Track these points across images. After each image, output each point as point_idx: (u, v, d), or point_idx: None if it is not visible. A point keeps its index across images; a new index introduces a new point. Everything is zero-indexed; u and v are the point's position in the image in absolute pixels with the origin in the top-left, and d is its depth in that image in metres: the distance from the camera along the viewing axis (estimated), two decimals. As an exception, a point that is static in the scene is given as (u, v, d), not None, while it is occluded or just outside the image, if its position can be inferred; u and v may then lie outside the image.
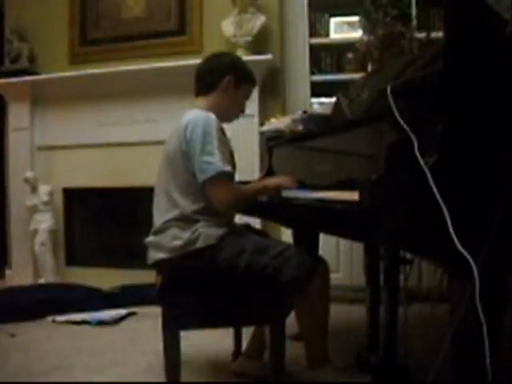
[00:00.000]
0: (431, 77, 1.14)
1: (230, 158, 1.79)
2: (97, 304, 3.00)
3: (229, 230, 1.67)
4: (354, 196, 1.10)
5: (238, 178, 1.83)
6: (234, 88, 1.83)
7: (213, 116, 1.70)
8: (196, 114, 1.72)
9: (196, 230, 1.64)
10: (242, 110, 1.92)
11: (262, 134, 3.01)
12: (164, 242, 1.67)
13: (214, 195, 1.65)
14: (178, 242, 1.64)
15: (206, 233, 1.63)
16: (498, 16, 1.08)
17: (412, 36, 2.73)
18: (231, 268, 1.61)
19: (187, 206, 1.67)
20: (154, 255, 1.71)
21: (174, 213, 1.68)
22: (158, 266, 1.72)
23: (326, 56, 3.47)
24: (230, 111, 1.87)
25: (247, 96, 1.91)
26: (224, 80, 1.81)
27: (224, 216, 1.73)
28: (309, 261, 1.62)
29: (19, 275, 3.78)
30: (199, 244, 1.62)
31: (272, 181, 1.81)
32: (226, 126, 1.85)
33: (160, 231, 1.70)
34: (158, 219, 1.73)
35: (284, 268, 1.57)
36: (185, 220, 1.66)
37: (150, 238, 1.74)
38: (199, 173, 1.64)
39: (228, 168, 1.65)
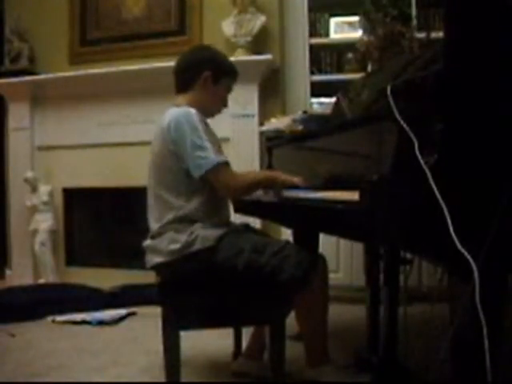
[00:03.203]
0: (431, 77, 1.14)
1: (219, 149, 1.76)
2: (97, 304, 2.99)
3: (226, 231, 1.66)
4: (354, 196, 1.10)
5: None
6: (213, 83, 1.80)
7: (192, 110, 1.68)
8: (175, 112, 1.70)
9: (192, 232, 1.63)
10: (225, 105, 1.89)
11: (262, 133, 3.02)
12: (161, 246, 1.66)
13: (219, 185, 1.65)
14: (175, 246, 1.63)
15: (203, 235, 1.62)
16: (500, 13, 1.08)
17: (412, 36, 2.73)
18: (230, 268, 1.60)
19: (180, 206, 1.66)
20: (152, 259, 1.70)
21: (169, 215, 1.67)
22: (157, 269, 1.72)
23: (325, 56, 3.47)
24: (211, 107, 1.84)
25: (229, 89, 1.88)
26: (201, 76, 1.78)
27: (218, 212, 1.72)
28: (308, 258, 1.62)
29: (19, 275, 3.78)
30: (197, 246, 1.62)
31: (283, 177, 1.71)
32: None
33: (157, 235, 1.69)
34: (154, 223, 1.72)
35: (283, 266, 1.56)
36: (180, 222, 1.65)
37: (148, 242, 1.73)
38: (195, 169, 1.63)
39: (223, 158, 1.65)
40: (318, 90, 3.38)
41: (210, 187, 1.68)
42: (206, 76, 1.79)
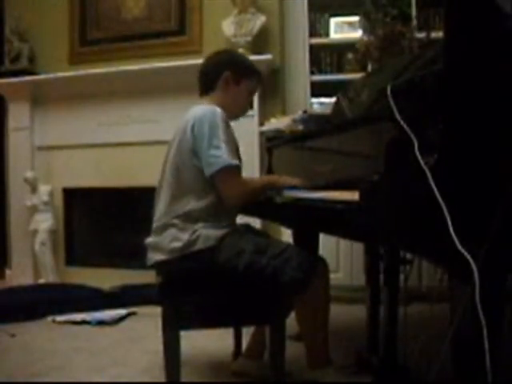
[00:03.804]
0: (431, 77, 1.14)
1: (236, 152, 1.77)
2: (97, 304, 2.99)
3: (228, 231, 1.66)
4: (354, 196, 1.10)
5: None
6: (235, 84, 1.80)
7: (218, 109, 1.68)
8: (201, 110, 1.69)
9: (194, 231, 1.63)
10: (250, 106, 1.89)
11: (262, 133, 3.02)
12: (163, 244, 1.66)
13: (223, 188, 1.65)
14: (176, 244, 1.63)
15: (205, 234, 1.62)
16: (499, 13, 1.08)
17: (412, 36, 2.73)
18: (231, 268, 1.60)
19: (188, 202, 1.66)
20: (154, 257, 1.70)
21: (176, 210, 1.66)
22: (158, 267, 1.72)
23: (325, 56, 3.47)
24: (234, 108, 1.83)
25: (252, 91, 1.87)
26: (222, 77, 1.79)
27: (225, 215, 1.72)
28: (309, 261, 1.62)
29: (19, 275, 3.78)
30: (198, 246, 1.61)
31: (282, 180, 1.77)
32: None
33: (159, 231, 1.69)
34: (159, 217, 1.72)
35: (284, 268, 1.56)
36: (184, 219, 1.65)
37: (150, 240, 1.73)
38: (206, 166, 1.63)
39: (235, 161, 1.64)
40: (318, 90, 3.38)
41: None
42: (226, 76, 1.79)
